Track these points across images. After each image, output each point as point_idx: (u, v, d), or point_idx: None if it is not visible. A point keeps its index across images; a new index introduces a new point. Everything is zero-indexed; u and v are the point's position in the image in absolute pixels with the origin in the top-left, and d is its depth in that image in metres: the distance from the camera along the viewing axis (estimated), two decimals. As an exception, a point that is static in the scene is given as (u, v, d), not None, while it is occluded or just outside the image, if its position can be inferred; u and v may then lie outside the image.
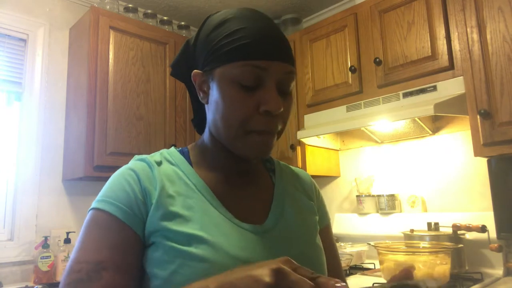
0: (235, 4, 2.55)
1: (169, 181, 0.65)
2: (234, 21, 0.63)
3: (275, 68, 0.61)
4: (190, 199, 0.64)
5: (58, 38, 2.25)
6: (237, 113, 0.62)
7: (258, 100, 0.61)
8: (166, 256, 0.59)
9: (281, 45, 0.63)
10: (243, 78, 0.61)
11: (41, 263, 1.90)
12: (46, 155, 2.12)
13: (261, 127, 0.62)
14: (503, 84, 1.50)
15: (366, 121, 1.82)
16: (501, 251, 1.59)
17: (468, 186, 1.91)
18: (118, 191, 0.63)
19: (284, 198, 0.73)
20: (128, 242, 0.60)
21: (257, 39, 0.61)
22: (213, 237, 0.60)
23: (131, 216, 0.61)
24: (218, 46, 0.62)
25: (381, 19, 1.93)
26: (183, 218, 0.61)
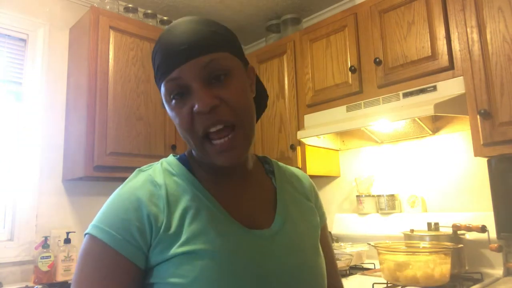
0: (235, 4, 2.55)
1: (175, 198, 0.63)
2: (158, 40, 0.65)
3: (186, 70, 0.60)
4: (196, 211, 0.63)
5: (58, 38, 2.25)
6: (182, 125, 0.63)
7: (192, 104, 0.61)
8: (182, 269, 0.58)
9: (190, 44, 0.61)
10: (170, 93, 0.63)
11: (41, 263, 1.90)
12: (46, 155, 2.12)
13: (206, 126, 0.61)
14: (503, 84, 1.50)
15: (366, 121, 1.82)
16: (501, 251, 1.59)
17: (468, 186, 1.91)
18: (118, 218, 0.60)
19: (287, 200, 0.73)
20: (128, 279, 0.59)
21: (164, 54, 0.62)
22: (226, 245, 0.60)
23: (131, 248, 0.59)
24: (154, 67, 0.66)
25: (381, 19, 1.93)
26: (195, 234, 0.60)
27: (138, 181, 0.65)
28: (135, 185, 0.64)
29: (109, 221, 0.61)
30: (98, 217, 0.63)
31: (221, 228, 0.62)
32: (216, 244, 0.60)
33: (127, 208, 0.61)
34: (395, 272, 1.47)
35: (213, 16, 2.70)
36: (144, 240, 0.60)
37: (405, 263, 1.44)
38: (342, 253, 1.92)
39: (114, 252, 0.58)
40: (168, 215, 0.61)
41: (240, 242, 0.62)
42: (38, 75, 2.13)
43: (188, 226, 0.61)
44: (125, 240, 0.59)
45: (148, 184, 0.64)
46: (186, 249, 0.59)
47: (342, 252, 1.94)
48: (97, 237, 0.59)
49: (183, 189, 0.65)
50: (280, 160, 0.86)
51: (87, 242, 0.61)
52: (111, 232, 0.59)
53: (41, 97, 2.13)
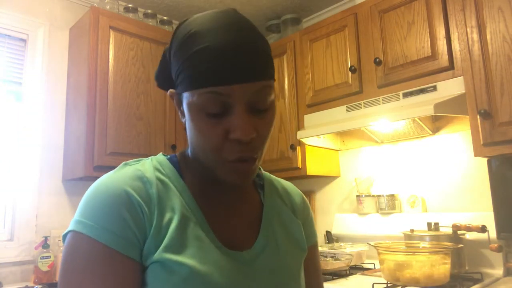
0: (235, 4, 2.55)
1: (163, 198, 0.60)
2: (198, 37, 0.56)
3: (240, 91, 0.55)
4: (183, 220, 0.59)
5: (58, 38, 2.25)
6: (208, 143, 0.57)
7: (226, 128, 0.56)
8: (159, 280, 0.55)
9: (247, 63, 0.55)
10: (208, 106, 0.56)
11: (41, 263, 1.90)
12: (46, 155, 2.12)
13: (234, 156, 0.57)
14: (503, 84, 1.50)
15: (366, 121, 1.82)
16: (501, 251, 1.59)
17: (468, 186, 1.91)
18: (112, 217, 0.55)
19: (273, 219, 0.70)
20: (133, 275, 0.55)
21: (218, 61, 0.54)
22: (204, 265, 0.57)
23: (130, 246, 0.55)
24: (183, 67, 0.57)
25: (381, 19, 1.93)
26: (177, 244, 0.57)
27: (125, 174, 0.60)
28: (122, 178, 0.59)
29: (99, 217, 0.55)
30: (84, 212, 0.56)
31: (202, 245, 0.59)
32: (194, 262, 0.56)
33: (117, 201, 0.56)
34: (395, 272, 1.47)
35: (213, 16, 2.70)
36: (141, 235, 0.56)
37: (405, 263, 1.44)
38: (342, 253, 1.93)
39: (116, 252, 0.54)
40: (157, 215, 0.58)
41: (219, 264, 0.59)
42: (38, 75, 2.13)
43: (173, 233, 0.57)
44: (125, 239, 0.55)
45: (137, 179, 0.60)
46: (164, 257, 0.55)
47: (342, 252, 1.94)
48: (93, 238, 0.54)
49: (173, 193, 0.61)
50: (280, 160, 0.85)
51: (76, 241, 0.55)
52: (110, 232, 0.54)
53: (41, 97, 2.13)
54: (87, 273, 0.53)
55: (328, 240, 2.29)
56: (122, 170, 0.61)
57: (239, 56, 0.54)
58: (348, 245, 2.11)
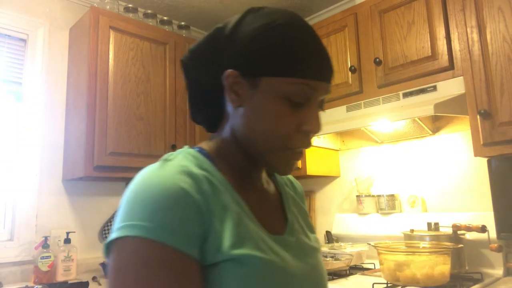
0: (235, 4, 2.55)
1: (215, 195, 0.57)
2: (286, 29, 0.58)
3: (322, 88, 0.61)
4: (236, 214, 0.58)
5: (58, 38, 2.25)
6: (280, 130, 0.59)
7: (302, 119, 0.60)
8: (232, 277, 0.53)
9: (330, 63, 0.62)
10: (295, 95, 0.58)
11: (41, 263, 1.90)
12: (46, 155, 2.12)
13: (299, 145, 0.61)
14: (503, 84, 1.50)
15: (366, 121, 1.82)
16: (501, 251, 1.59)
17: (468, 186, 1.91)
18: (176, 218, 0.50)
19: (290, 204, 0.73)
20: (200, 277, 0.52)
21: (315, 57, 0.59)
22: (267, 254, 0.57)
23: (195, 248, 0.51)
24: (267, 52, 0.57)
25: (381, 19, 1.93)
26: (240, 238, 0.55)
27: (174, 170, 0.55)
28: (173, 175, 0.54)
29: (158, 217, 0.49)
30: (137, 214, 0.50)
31: (258, 235, 0.59)
32: (259, 252, 0.56)
33: (176, 199, 0.51)
34: (395, 272, 1.47)
35: (213, 16, 2.70)
36: (202, 234, 0.53)
37: (405, 263, 1.44)
38: (342, 253, 1.93)
39: (181, 254, 0.49)
40: (214, 213, 0.55)
41: (275, 250, 0.60)
42: (38, 75, 2.13)
43: (232, 230, 0.55)
44: (187, 236, 0.50)
45: (187, 175, 0.55)
46: (235, 253, 0.53)
47: (342, 252, 1.94)
48: (159, 241, 0.48)
49: (217, 188, 0.58)
50: None
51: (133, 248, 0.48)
52: (171, 229, 0.49)
53: (41, 97, 2.13)
54: (150, 279, 0.47)
55: (328, 240, 2.29)
56: (167, 167, 0.56)
57: (328, 57, 0.62)
58: (348, 245, 2.11)
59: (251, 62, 0.59)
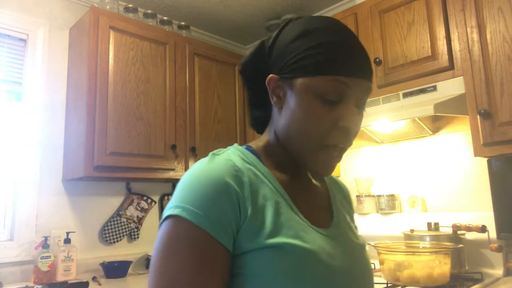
0: (235, 4, 2.55)
1: (255, 186, 0.62)
2: (321, 33, 0.63)
3: (358, 85, 0.62)
4: (276, 205, 0.62)
5: (58, 38, 2.25)
6: (317, 128, 0.62)
7: (338, 116, 0.62)
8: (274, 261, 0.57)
9: (367, 62, 0.64)
10: (328, 92, 0.61)
11: (41, 263, 1.90)
12: (46, 155, 2.12)
13: (337, 141, 0.63)
14: (503, 84, 1.50)
15: (366, 121, 1.82)
16: (501, 251, 1.59)
17: (468, 186, 1.91)
18: (214, 203, 0.57)
19: (338, 204, 0.76)
20: (225, 263, 0.57)
21: (346, 55, 0.61)
22: (307, 243, 0.59)
23: (225, 234, 0.57)
24: (302, 56, 0.62)
25: (381, 19, 1.93)
26: (277, 228, 0.59)
27: (220, 164, 0.62)
28: (219, 168, 0.61)
29: (205, 205, 0.57)
30: (184, 198, 0.58)
31: (299, 225, 0.62)
32: (299, 241, 0.59)
33: (218, 190, 0.58)
34: (395, 272, 1.47)
35: (213, 16, 2.70)
36: (236, 224, 0.58)
37: (405, 263, 1.44)
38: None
39: (212, 238, 0.55)
40: (252, 203, 0.59)
41: (317, 241, 0.61)
42: (38, 75, 2.13)
43: (272, 218, 0.59)
44: (221, 225, 0.56)
45: (231, 168, 0.61)
46: (273, 241, 0.57)
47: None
48: (190, 221, 0.55)
49: (261, 180, 0.63)
50: None
51: (176, 225, 0.57)
52: (211, 217, 0.56)
53: (41, 97, 2.13)
54: (187, 256, 0.54)
55: (328, 240, 2.29)
56: (216, 161, 0.63)
57: (363, 55, 0.63)
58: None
59: (287, 65, 0.64)
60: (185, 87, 2.37)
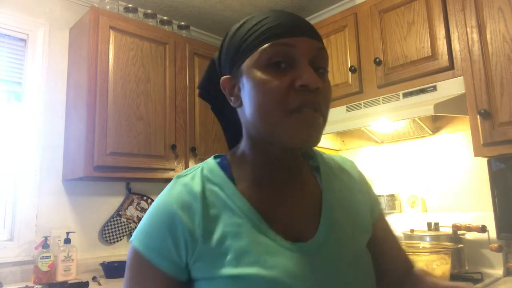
0: (235, 4, 2.55)
1: (213, 210, 0.61)
2: (255, 18, 0.63)
3: (303, 44, 0.59)
4: (238, 228, 0.60)
5: (58, 38, 2.25)
6: (273, 94, 0.58)
7: (292, 77, 0.58)
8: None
9: (305, 23, 0.62)
10: (271, 58, 0.59)
11: (41, 263, 1.90)
12: (46, 155, 2.12)
13: (300, 103, 0.57)
14: (503, 84, 1.50)
15: (366, 121, 1.82)
16: (501, 251, 1.59)
17: (468, 186, 1.91)
18: (158, 233, 0.61)
19: (333, 203, 0.68)
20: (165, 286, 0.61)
21: (279, 21, 0.60)
22: (268, 270, 0.57)
23: (171, 264, 0.60)
24: (242, 41, 0.62)
25: (381, 19, 1.93)
26: (237, 255, 0.58)
27: (174, 192, 0.64)
28: (171, 197, 0.63)
29: (150, 235, 0.62)
30: (140, 228, 0.64)
31: (264, 246, 0.59)
32: (261, 267, 0.57)
33: (162, 222, 0.61)
34: (395, 272, 1.46)
35: (213, 16, 2.70)
36: (179, 255, 0.60)
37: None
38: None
39: (156, 268, 0.60)
40: (205, 230, 0.59)
41: (285, 261, 0.58)
42: (38, 75, 2.13)
43: (230, 244, 0.58)
44: (161, 255, 0.60)
45: (185, 196, 0.62)
46: (230, 272, 0.57)
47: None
48: (139, 250, 0.61)
49: (223, 202, 0.62)
50: None
51: (132, 254, 0.63)
52: (154, 247, 0.60)
53: (41, 97, 2.13)
54: (131, 279, 0.62)
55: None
56: (174, 187, 0.65)
57: (299, 18, 0.62)
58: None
59: (232, 58, 0.64)
60: (185, 87, 2.37)
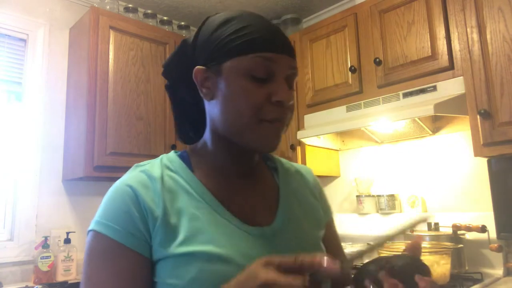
0: (235, 4, 2.55)
1: (171, 193, 0.63)
2: (239, 20, 0.65)
3: (283, 61, 0.64)
4: (195, 210, 0.62)
5: (58, 38, 2.25)
6: (250, 103, 0.62)
7: (269, 91, 0.62)
8: (180, 270, 0.58)
9: (287, 41, 0.66)
10: (255, 69, 0.62)
11: (41, 263, 1.90)
12: (46, 155, 2.12)
13: (273, 115, 0.63)
14: (503, 84, 1.50)
15: (366, 121, 1.82)
16: (501, 251, 1.59)
17: (468, 186, 1.91)
18: (117, 212, 0.61)
19: (290, 198, 0.73)
20: (137, 269, 0.59)
21: (265, 34, 0.63)
22: (223, 248, 0.59)
23: (135, 239, 0.59)
24: (226, 41, 0.63)
25: (381, 19, 1.93)
26: (191, 234, 0.60)
27: (133, 175, 0.65)
28: (130, 179, 0.64)
29: (110, 215, 0.61)
30: (99, 213, 0.63)
31: (220, 226, 0.62)
32: (214, 245, 0.59)
33: (125, 200, 0.61)
34: (395, 272, 1.46)
35: (213, 16, 2.70)
36: (146, 229, 0.60)
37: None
38: (342, 253, 1.92)
39: (120, 245, 0.59)
40: (164, 210, 0.61)
41: (240, 242, 0.62)
42: (38, 75, 2.13)
43: (186, 225, 0.60)
44: (128, 232, 0.59)
45: (141, 178, 0.64)
46: (184, 250, 0.59)
47: (342, 252, 1.94)
48: (101, 232, 0.60)
49: (181, 186, 0.65)
50: None
51: (92, 239, 0.61)
52: (114, 227, 0.59)
53: (41, 97, 2.13)
54: (98, 265, 0.59)
55: (328, 240, 2.29)
56: (130, 173, 0.66)
57: (282, 35, 0.66)
58: (348, 245, 2.10)
59: (212, 53, 0.65)
60: (185, 87, 2.37)
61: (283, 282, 0.45)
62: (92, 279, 0.58)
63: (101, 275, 0.58)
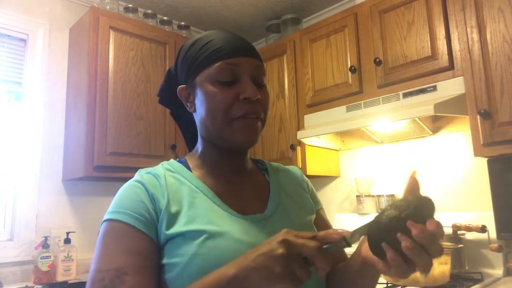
0: (235, 4, 2.55)
1: (173, 187, 0.71)
2: (205, 37, 0.76)
3: (245, 63, 0.73)
4: (194, 200, 0.70)
5: (58, 38, 2.25)
6: (220, 104, 0.71)
7: (237, 91, 0.71)
8: (182, 248, 0.64)
9: (247, 45, 0.76)
10: (221, 75, 0.72)
11: (41, 263, 1.90)
12: (46, 155, 2.12)
13: (242, 112, 0.71)
14: (503, 84, 1.50)
15: (366, 121, 1.82)
16: (501, 251, 1.59)
17: (468, 186, 1.91)
18: (129, 201, 0.67)
19: (280, 191, 0.81)
20: (146, 248, 0.64)
21: (226, 43, 0.73)
22: (220, 227, 0.66)
23: (144, 223, 0.65)
24: (195, 58, 0.74)
25: (381, 19, 1.93)
26: (191, 218, 0.67)
27: (140, 176, 0.73)
28: (137, 178, 0.72)
29: (122, 205, 0.67)
30: (111, 206, 0.69)
31: (216, 213, 0.69)
32: (210, 226, 0.66)
33: (135, 191, 0.69)
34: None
35: (213, 16, 2.70)
36: (155, 216, 0.67)
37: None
38: (342, 253, 1.92)
39: (132, 227, 0.64)
40: (168, 200, 0.68)
41: (235, 223, 0.69)
42: (38, 75, 2.13)
43: (186, 212, 0.68)
44: (139, 217, 0.65)
45: (149, 176, 0.72)
46: (185, 228, 0.65)
47: (342, 252, 1.94)
48: (114, 219, 0.66)
49: (181, 182, 0.73)
50: (280, 160, 0.89)
51: (105, 226, 0.67)
52: (127, 212, 0.66)
53: (41, 97, 2.13)
54: (110, 244, 0.64)
55: (328, 240, 2.29)
56: (136, 176, 0.74)
57: (242, 40, 0.76)
58: (348, 245, 2.10)
59: (188, 71, 0.76)
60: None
61: (301, 241, 0.53)
62: (103, 255, 0.63)
63: (112, 251, 0.63)
